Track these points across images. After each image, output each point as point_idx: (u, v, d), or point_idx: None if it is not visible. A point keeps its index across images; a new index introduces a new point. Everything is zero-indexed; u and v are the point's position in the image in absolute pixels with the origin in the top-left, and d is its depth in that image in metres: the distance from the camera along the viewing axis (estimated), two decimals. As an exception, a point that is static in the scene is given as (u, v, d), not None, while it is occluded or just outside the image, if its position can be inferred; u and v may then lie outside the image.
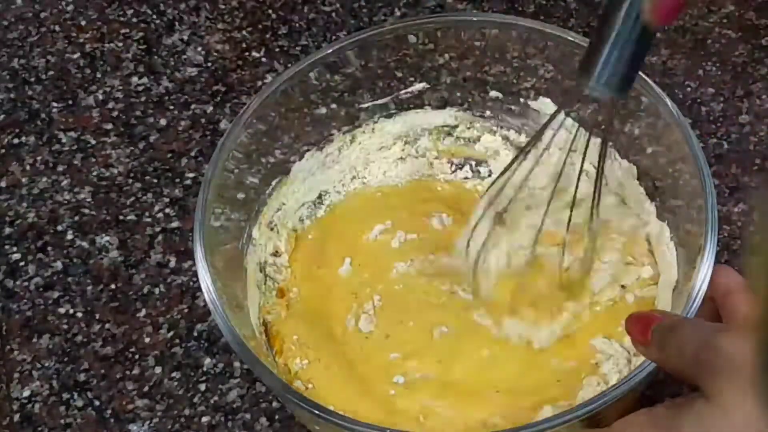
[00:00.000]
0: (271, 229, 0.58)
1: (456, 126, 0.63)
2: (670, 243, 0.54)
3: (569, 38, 0.56)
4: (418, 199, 0.61)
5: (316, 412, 0.44)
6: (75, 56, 0.73)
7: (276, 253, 0.58)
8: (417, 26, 0.58)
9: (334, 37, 0.72)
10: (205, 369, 0.57)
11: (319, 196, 0.61)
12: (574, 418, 0.42)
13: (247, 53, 0.72)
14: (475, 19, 0.59)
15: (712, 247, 0.47)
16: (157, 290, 0.61)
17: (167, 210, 0.64)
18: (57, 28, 0.75)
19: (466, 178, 0.62)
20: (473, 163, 0.63)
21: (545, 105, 0.60)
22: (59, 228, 0.64)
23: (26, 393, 0.57)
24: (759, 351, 0.27)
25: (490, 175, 0.62)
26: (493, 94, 0.61)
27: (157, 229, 0.63)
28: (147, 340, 0.59)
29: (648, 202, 0.56)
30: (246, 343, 0.47)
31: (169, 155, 0.67)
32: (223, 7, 0.75)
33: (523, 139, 0.62)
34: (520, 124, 0.62)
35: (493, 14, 0.70)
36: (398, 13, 0.73)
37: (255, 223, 0.57)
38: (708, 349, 0.39)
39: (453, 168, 0.63)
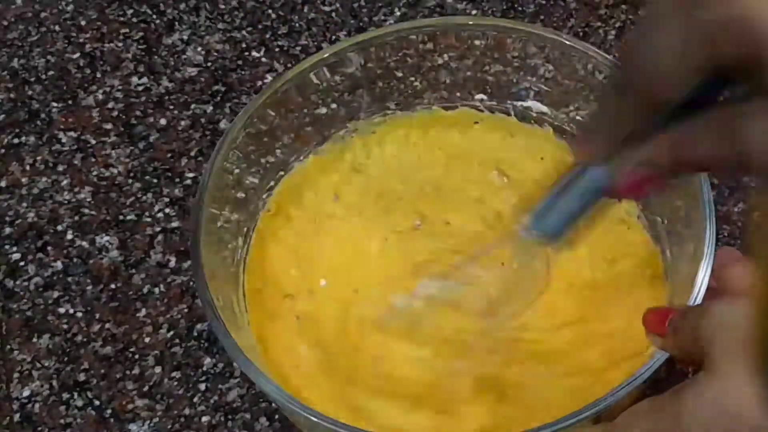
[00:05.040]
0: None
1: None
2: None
3: (567, 42, 0.56)
4: None
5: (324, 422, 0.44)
6: (75, 56, 0.73)
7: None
8: (417, 29, 0.58)
9: (334, 37, 0.73)
10: (205, 369, 0.57)
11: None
12: (584, 418, 0.42)
13: (247, 53, 0.72)
14: (473, 23, 0.59)
15: (711, 246, 0.47)
16: (157, 290, 0.61)
17: (167, 210, 0.64)
18: (57, 28, 0.75)
19: None
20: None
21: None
22: (59, 228, 0.64)
23: (26, 393, 0.57)
24: (760, 325, 0.27)
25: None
26: (479, 96, 0.61)
27: (157, 229, 0.63)
28: (147, 340, 0.59)
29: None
30: (247, 356, 0.46)
31: (169, 155, 0.67)
32: (223, 7, 0.75)
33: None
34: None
35: (492, 18, 0.70)
36: (398, 13, 0.73)
37: (251, 231, 0.57)
38: (704, 318, 0.39)
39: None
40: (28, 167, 0.67)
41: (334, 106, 0.60)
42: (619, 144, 0.36)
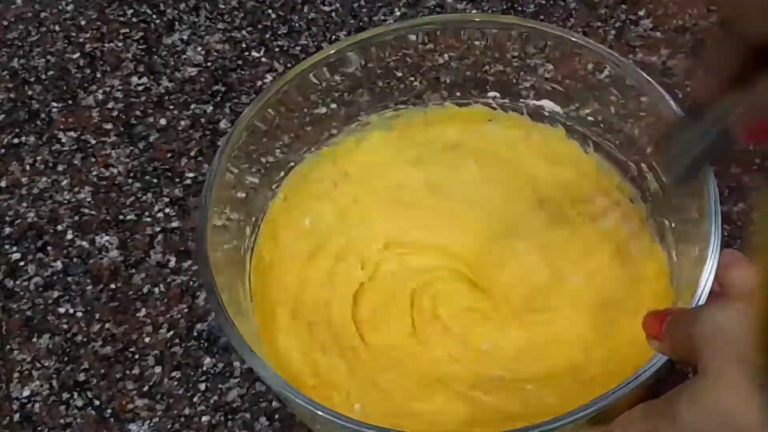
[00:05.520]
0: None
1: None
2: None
3: (571, 38, 0.56)
4: None
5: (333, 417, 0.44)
6: (75, 56, 0.73)
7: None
8: (417, 27, 0.58)
9: (334, 37, 0.73)
10: (205, 369, 0.57)
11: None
12: (582, 417, 0.42)
13: (247, 53, 0.72)
14: (477, 19, 0.59)
15: (715, 249, 0.47)
16: (157, 290, 0.61)
17: (167, 210, 0.64)
18: (57, 28, 0.75)
19: None
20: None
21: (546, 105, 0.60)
22: (59, 228, 0.64)
23: (26, 393, 0.57)
24: (759, 329, 0.27)
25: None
26: (492, 94, 0.61)
27: (157, 229, 0.63)
28: (147, 339, 0.59)
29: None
30: (252, 348, 0.46)
31: (169, 155, 0.67)
32: (223, 7, 0.75)
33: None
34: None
35: (493, 15, 0.70)
36: (398, 13, 0.73)
37: (257, 226, 0.57)
38: (697, 322, 0.39)
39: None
40: (28, 167, 0.67)
41: (334, 105, 0.60)
42: (733, 84, 0.38)
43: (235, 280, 0.53)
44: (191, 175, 0.66)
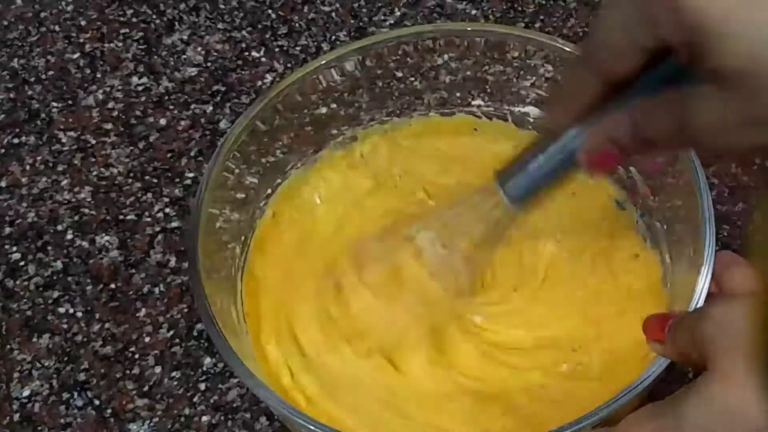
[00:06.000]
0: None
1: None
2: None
3: (565, 48, 0.56)
4: None
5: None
6: (75, 56, 0.73)
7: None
8: (416, 35, 0.58)
9: (333, 37, 0.73)
10: (204, 368, 0.57)
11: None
12: (587, 425, 0.42)
13: (246, 53, 0.72)
14: (470, 29, 0.59)
15: (711, 251, 0.47)
16: (157, 290, 0.61)
17: (167, 210, 0.64)
18: (57, 28, 0.75)
19: None
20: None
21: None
22: (59, 228, 0.64)
23: (26, 392, 0.57)
24: (761, 327, 0.27)
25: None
26: (477, 102, 0.61)
27: (157, 229, 0.63)
28: (147, 339, 0.59)
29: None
30: (250, 368, 0.46)
31: (169, 155, 0.67)
32: (223, 7, 0.75)
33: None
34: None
35: (491, 24, 0.70)
36: (398, 13, 0.73)
37: (247, 245, 0.57)
38: (703, 321, 0.39)
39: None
40: (28, 167, 0.67)
41: (334, 106, 0.60)
42: (582, 116, 0.40)
43: (227, 299, 0.53)
44: (191, 175, 0.66)
